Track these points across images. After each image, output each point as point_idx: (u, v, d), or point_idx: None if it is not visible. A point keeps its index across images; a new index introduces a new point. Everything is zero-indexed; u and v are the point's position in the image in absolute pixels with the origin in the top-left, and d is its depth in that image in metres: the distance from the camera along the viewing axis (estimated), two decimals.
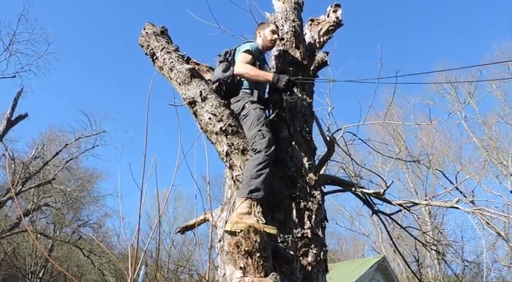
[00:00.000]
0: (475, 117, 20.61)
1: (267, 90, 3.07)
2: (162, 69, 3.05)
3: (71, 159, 18.62)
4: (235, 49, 3.03)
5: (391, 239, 4.72)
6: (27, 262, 20.99)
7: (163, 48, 3.08)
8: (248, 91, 2.86)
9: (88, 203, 21.17)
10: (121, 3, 46.81)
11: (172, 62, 2.98)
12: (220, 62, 2.97)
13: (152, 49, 3.12)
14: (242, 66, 2.83)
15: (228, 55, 2.99)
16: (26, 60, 16.11)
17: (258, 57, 2.96)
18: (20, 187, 15.82)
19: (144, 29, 3.24)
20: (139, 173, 2.07)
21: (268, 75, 2.80)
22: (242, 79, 2.89)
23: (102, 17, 45.36)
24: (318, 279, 2.44)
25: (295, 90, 3.08)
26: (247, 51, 2.91)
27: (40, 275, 21.58)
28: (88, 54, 44.60)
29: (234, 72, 2.84)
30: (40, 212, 19.14)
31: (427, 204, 3.93)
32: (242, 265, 2.05)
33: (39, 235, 18.48)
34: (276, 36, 3.22)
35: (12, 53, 15.03)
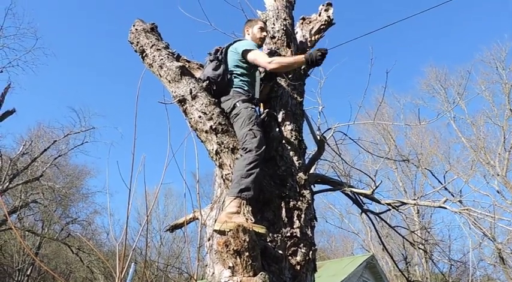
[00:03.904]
0: (463, 117, 20.91)
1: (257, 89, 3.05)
2: (152, 66, 3.01)
3: (59, 156, 18.43)
4: (226, 47, 3.00)
5: (380, 237, 4.76)
6: (15, 259, 20.73)
7: (153, 45, 3.04)
8: (239, 90, 2.84)
9: (77, 200, 21.00)
10: None
11: (162, 59, 2.95)
12: (211, 60, 2.94)
13: (142, 46, 3.08)
14: (272, 60, 2.77)
15: (219, 53, 2.96)
16: (14, 55, 15.86)
17: None
18: (8, 184, 15.61)
19: (134, 26, 3.20)
20: (129, 170, 2.06)
21: (300, 58, 2.79)
22: (233, 78, 2.87)
23: (92, 12, 44.86)
24: (307, 279, 2.44)
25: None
26: (253, 49, 2.88)
27: (28, 273, 21.33)
28: (78, 49, 44.16)
29: (269, 69, 2.79)
30: (28, 208, 18.91)
31: (415, 204, 3.97)
32: (231, 264, 2.04)
33: (27, 232, 18.26)
34: (264, 33, 3.18)
35: None
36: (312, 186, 3.31)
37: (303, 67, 3.41)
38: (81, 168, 22.68)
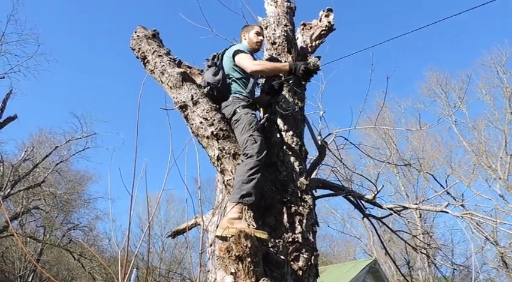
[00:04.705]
0: (465, 121, 20.89)
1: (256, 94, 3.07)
2: (153, 72, 3.03)
3: (61, 162, 18.41)
4: (222, 53, 3.01)
5: (382, 242, 4.75)
6: (16, 266, 20.66)
7: (154, 52, 3.06)
8: (238, 95, 2.85)
9: (78, 205, 20.95)
10: (112, 5, 46.56)
11: (163, 65, 2.97)
12: (209, 66, 2.96)
13: (143, 52, 3.10)
14: (255, 64, 2.81)
15: (216, 59, 2.98)
16: (16, 61, 15.85)
17: None
18: (9, 190, 15.60)
19: (136, 32, 3.22)
20: (131, 176, 2.06)
21: (285, 65, 2.81)
22: (232, 83, 2.88)
23: (93, 18, 45.07)
24: None
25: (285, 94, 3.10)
26: (241, 52, 2.88)
27: (29, 280, 21.27)
28: (79, 55, 44.29)
29: (250, 71, 2.80)
30: (30, 215, 18.89)
31: (417, 208, 3.96)
32: (233, 270, 2.04)
33: (28, 239, 18.22)
34: (261, 37, 3.19)
35: (1, 54, 14.83)
36: (314, 191, 3.32)
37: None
38: (83, 174, 22.67)
